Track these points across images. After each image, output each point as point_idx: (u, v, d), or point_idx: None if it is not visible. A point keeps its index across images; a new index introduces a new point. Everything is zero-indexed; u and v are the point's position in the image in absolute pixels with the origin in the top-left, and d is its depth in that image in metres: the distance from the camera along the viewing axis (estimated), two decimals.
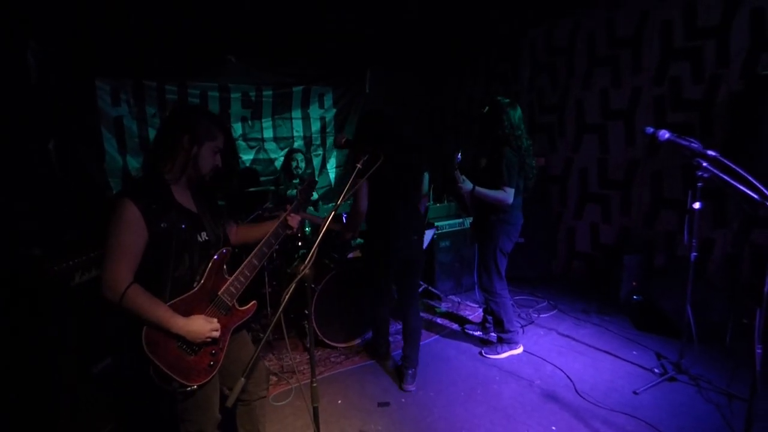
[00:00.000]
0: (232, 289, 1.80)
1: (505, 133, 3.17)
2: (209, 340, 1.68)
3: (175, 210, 1.70)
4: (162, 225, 1.63)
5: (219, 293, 1.77)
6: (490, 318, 3.73)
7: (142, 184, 1.71)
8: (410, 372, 3.07)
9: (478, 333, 3.87)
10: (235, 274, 1.83)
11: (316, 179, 5.26)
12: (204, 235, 1.79)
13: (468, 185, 3.13)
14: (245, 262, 1.85)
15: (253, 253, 1.88)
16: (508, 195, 3.14)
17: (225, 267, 1.83)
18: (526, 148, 3.22)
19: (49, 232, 3.20)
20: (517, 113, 3.23)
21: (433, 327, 4.01)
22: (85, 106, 4.34)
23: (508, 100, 3.25)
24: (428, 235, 3.61)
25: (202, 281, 1.73)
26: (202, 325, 1.67)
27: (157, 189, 1.69)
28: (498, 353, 3.45)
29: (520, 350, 3.50)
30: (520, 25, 5.41)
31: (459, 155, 3.14)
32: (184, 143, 1.70)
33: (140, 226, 1.59)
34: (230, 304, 1.80)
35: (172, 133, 1.72)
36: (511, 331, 3.44)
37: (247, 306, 1.88)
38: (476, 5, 4.72)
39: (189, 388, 1.64)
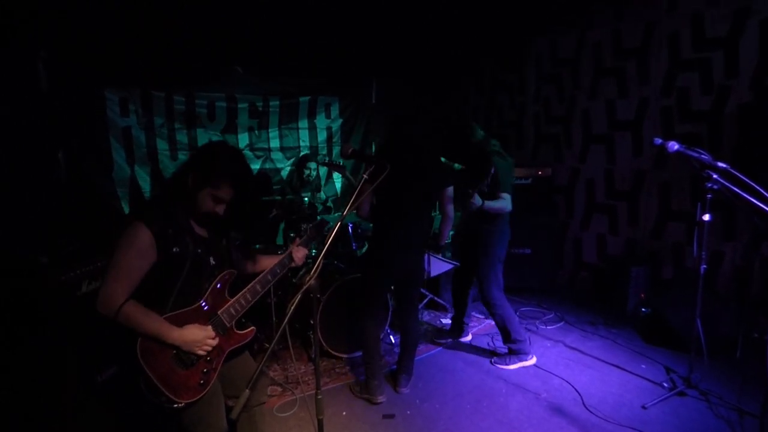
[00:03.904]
0: (231, 310, 1.82)
1: (480, 141, 3.33)
2: (206, 350, 1.68)
3: (189, 235, 1.73)
4: (174, 249, 1.66)
5: (218, 312, 1.79)
6: (468, 320, 3.89)
7: (160, 207, 1.74)
8: (404, 376, 3.13)
9: (447, 340, 3.90)
10: (236, 297, 1.85)
11: (324, 195, 5.29)
12: (212, 259, 1.82)
13: (478, 201, 3.11)
14: (248, 287, 1.88)
15: (257, 279, 1.91)
16: (507, 201, 3.22)
17: (227, 288, 1.85)
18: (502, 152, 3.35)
19: (57, 241, 3.22)
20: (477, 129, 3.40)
21: (440, 337, 3.97)
22: (95, 116, 4.37)
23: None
24: (445, 266, 3.53)
25: (203, 300, 1.76)
26: (197, 333, 1.67)
27: (174, 213, 1.72)
28: (507, 364, 3.42)
29: (533, 361, 3.43)
30: (525, 35, 5.42)
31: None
32: (188, 180, 1.72)
33: (150, 251, 1.62)
34: (228, 325, 1.81)
35: (186, 166, 1.76)
36: (519, 341, 3.40)
37: (245, 331, 1.89)
38: (481, 17, 4.74)
39: (176, 405, 1.62)
